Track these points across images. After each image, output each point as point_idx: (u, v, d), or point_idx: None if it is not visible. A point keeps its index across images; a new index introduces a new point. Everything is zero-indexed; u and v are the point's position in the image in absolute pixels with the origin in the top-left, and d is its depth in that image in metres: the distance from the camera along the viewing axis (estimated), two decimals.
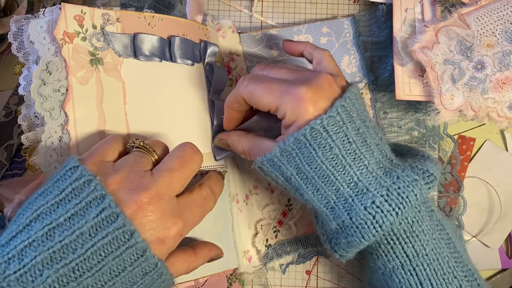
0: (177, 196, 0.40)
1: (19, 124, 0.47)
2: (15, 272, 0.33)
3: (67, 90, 0.42)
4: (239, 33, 0.59)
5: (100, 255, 0.34)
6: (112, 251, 0.34)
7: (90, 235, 0.34)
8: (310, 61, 0.50)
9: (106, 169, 0.38)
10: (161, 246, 0.37)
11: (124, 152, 0.41)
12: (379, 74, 0.59)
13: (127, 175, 0.37)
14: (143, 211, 0.36)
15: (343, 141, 0.41)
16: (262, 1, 0.61)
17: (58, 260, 0.33)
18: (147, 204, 0.36)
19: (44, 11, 0.43)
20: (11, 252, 0.34)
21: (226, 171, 0.52)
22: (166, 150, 0.43)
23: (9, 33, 0.43)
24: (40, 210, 0.35)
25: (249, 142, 0.46)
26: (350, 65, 0.59)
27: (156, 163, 0.41)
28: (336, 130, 0.41)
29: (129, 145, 0.41)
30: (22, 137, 0.42)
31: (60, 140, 0.42)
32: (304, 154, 0.41)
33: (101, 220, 0.34)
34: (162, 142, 0.43)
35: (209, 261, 0.47)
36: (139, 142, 0.41)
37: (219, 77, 0.51)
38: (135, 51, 0.46)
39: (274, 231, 0.57)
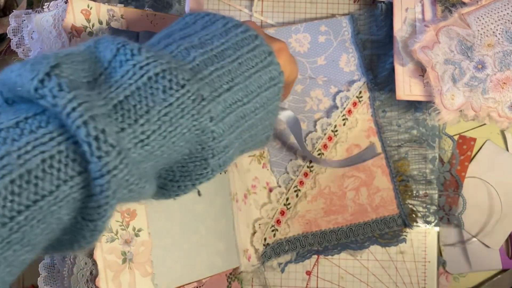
0: None
1: None
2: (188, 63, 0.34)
3: None
4: None
5: (252, 67, 0.37)
6: (258, 70, 0.38)
7: (239, 47, 0.37)
8: None
9: None
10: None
11: None
12: (378, 72, 0.59)
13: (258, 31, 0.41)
14: (278, 54, 0.40)
15: None
16: (262, 1, 0.61)
17: (219, 60, 0.36)
18: (279, 51, 0.41)
19: (48, 4, 0.42)
20: (175, 50, 0.35)
21: (226, 170, 0.52)
22: None
23: (8, 28, 0.42)
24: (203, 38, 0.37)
25: None
26: (348, 63, 0.59)
27: None
28: None
29: None
30: None
31: None
32: None
33: (254, 47, 0.38)
34: None
35: None
36: None
37: None
38: None
39: (272, 230, 0.56)
